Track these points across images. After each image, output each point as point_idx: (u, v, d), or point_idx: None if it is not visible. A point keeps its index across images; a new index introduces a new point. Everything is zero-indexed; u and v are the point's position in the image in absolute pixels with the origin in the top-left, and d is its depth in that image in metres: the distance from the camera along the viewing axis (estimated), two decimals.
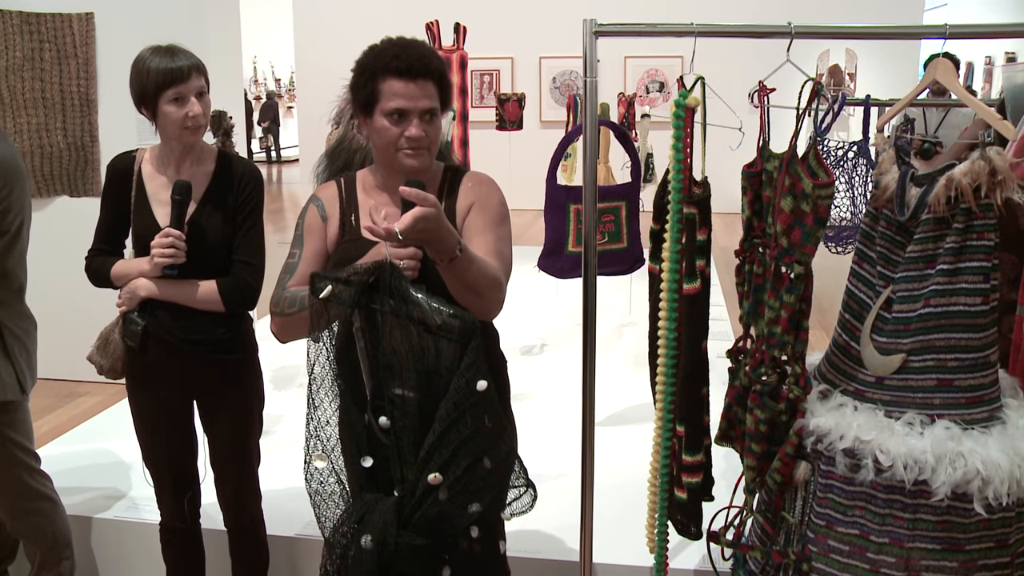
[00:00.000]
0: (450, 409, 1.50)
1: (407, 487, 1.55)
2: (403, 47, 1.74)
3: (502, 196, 1.87)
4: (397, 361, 1.53)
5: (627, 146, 3.56)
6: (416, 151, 1.74)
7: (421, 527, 1.55)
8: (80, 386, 4.48)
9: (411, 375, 1.53)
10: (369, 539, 1.53)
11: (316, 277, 1.58)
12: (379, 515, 1.56)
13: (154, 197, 2.16)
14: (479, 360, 1.50)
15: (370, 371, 1.60)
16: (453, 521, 1.57)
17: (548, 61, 10.82)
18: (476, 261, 1.60)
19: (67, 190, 4.45)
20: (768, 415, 1.82)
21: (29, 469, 2.41)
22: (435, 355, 1.52)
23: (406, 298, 1.51)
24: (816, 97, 1.81)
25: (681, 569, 2.51)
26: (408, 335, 1.51)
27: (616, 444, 3.24)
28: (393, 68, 1.70)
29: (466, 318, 1.50)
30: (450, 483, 1.52)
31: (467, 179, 1.87)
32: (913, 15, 9.95)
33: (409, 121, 1.72)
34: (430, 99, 1.73)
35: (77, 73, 4.32)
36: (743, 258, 1.97)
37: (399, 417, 1.54)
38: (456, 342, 1.50)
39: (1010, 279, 1.89)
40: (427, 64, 1.72)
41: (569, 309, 5.24)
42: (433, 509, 1.53)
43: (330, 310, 1.56)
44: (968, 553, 1.68)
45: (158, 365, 2.18)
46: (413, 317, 1.51)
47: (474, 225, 1.79)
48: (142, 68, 2.05)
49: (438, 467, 1.51)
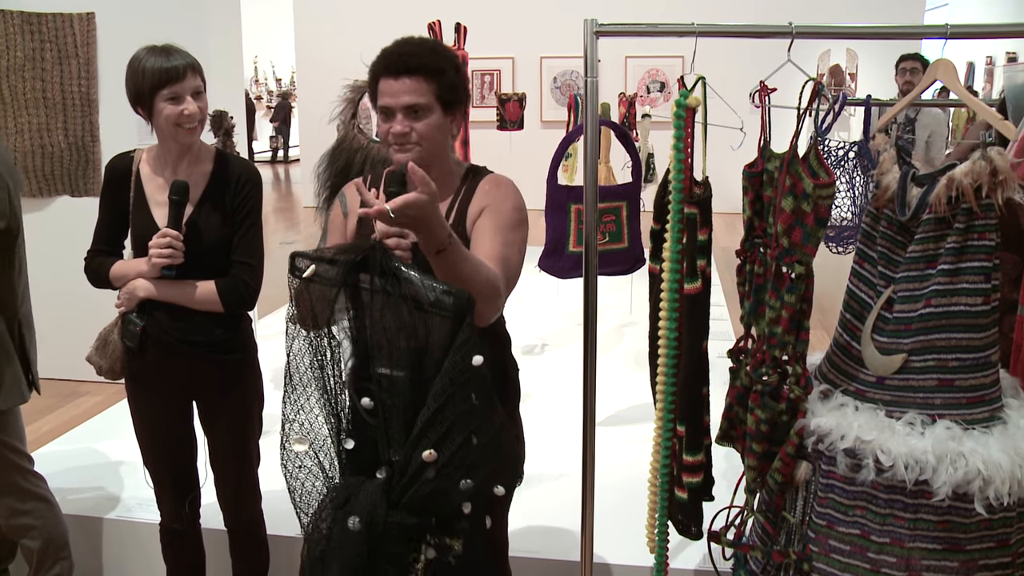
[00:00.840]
0: (446, 385, 1.48)
1: (397, 466, 1.53)
2: (397, 45, 1.77)
3: (519, 201, 1.84)
4: (387, 340, 1.51)
5: (628, 146, 3.56)
6: (402, 147, 1.75)
7: (412, 506, 1.53)
8: (81, 386, 4.48)
9: (401, 354, 1.50)
10: (357, 520, 1.50)
11: (297, 256, 1.56)
12: (366, 496, 1.53)
13: (152, 198, 2.16)
14: (473, 336, 1.49)
15: (352, 351, 1.59)
16: (447, 498, 1.55)
17: (549, 61, 10.82)
18: (469, 259, 1.59)
19: (68, 190, 4.45)
20: (769, 415, 1.82)
21: (22, 471, 2.41)
22: (426, 332, 1.49)
23: (397, 276, 1.49)
24: (817, 97, 1.81)
25: (682, 569, 2.52)
26: (399, 313, 1.49)
27: (617, 444, 3.24)
28: (381, 67, 1.75)
29: (460, 294, 1.48)
30: (445, 459, 1.50)
31: (485, 182, 1.85)
32: (914, 15, 9.95)
33: (393, 117, 1.74)
34: (412, 95, 1.73)
35: (78, 73, 4.32)
36: (744, 258, 1.97)
37: (387, 396, 1.52)
38: (449, 318, 1.47)
39: (1011, 279, 1.89)
40: (409, 61, 1.73)
41: (570, 309, 5.24)
42: (427, 486, 1.51)
43: (312, 290, 1.54)
44: (969, 553, 1.68)
45: (157, 366, 2.18)
46: (405, 295, 1.48)
47: (482, 228, 1.77)
48: (137, 68, 2.05)
49: (432, 444, 1.49)
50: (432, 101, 1.75)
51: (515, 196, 1.84)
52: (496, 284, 1.64)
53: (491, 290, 1.62)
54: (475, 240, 1.77)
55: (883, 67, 10.36)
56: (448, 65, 1.77)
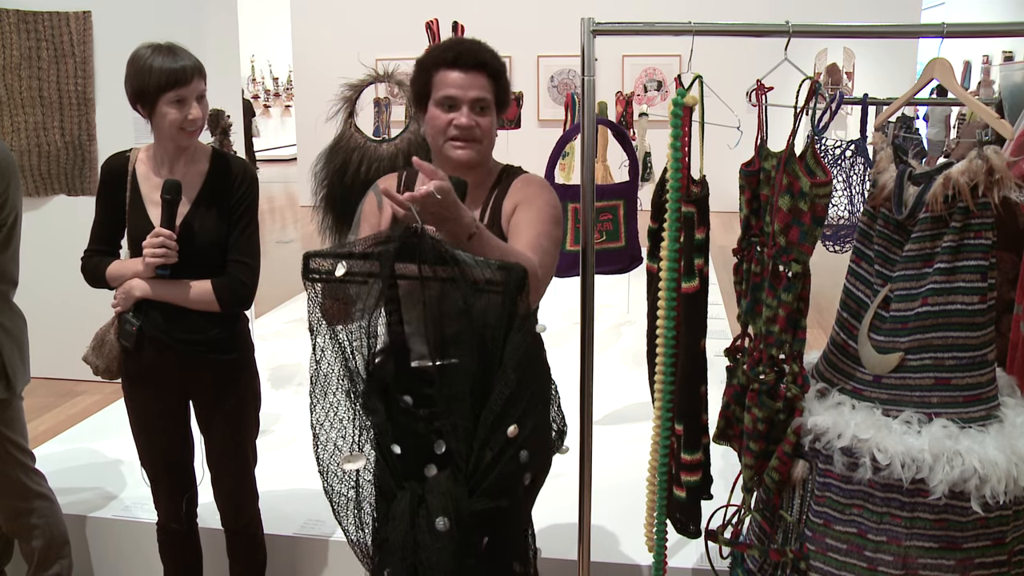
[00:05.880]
0: (520, 359, 1.45)
1: (471, 453, 1.48)
2: (457, 42, 1.81)
3: (554, 199, 1.85)
4: (443, 328, 1.48)
5: (625, 145, 3.56)
6: (465, 142, 1.76)
7: (491, 488, 1.48)
8: (78, 385, 4.47)
9: (459, 340, 1.47)
10: (444, 520, 1.47)
11: (314, 258, 1.48)
12: (442, 493, 1.49)
13: (148, 197, 2.15)
14: (529, 308, 1.46)
15: (384, 349, 1.54)
16: (519, 472, 1.53)
17: (546, 60, 10.82)
18: (499, 245, 1.57)
19: (64, 189, 4.44)
20: (766, 414, 1.82)
21: (24, 468, 2.41)
22: (483, 313, 1.46)
23: (456, 259, 1.43)
24: (814, 96, 1.81)
25: (680, 568, 2.52)
26: (458, 297, 1.45)
27: (614, 443, 3.24)
28: (444, 60, 1.77)
29: (515, 268, 1.44)
30: (527, 433, 1.47)
31: (518, 180, 1.87)
32: (911, 14, 9.96)
33: (459, 109, 1.75)
34: (480, 90, 1.76)
35: (74, 72, 4.31)
36: (741, 257, 1.97)
37: (446, 387, 1.49)
38: (501, 294, 1.43)
39: (1008, 278, 1.89)
40: (477, 56, 1.76)
41: (567, 308, 5.23)
42: (512, 464, 1.48)
43: (347, 290, 1.48)
44: (965, 551, 1.68)
45: (154, 365, 2.18)
46: (464, 277, 1.43)
47: (518, 222, 1.78)
48: (142, 66, 2.02)
49: (514, 420, 1.46)
50: (492, 100, 1.79)
51: (549, 193, 1.85)
52: (531, 267, 1.61)
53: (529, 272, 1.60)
54: (512, 234, 1.77)
55: (880, 66, 10.39)
56: (504, 69, 1.83)
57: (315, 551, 2.71)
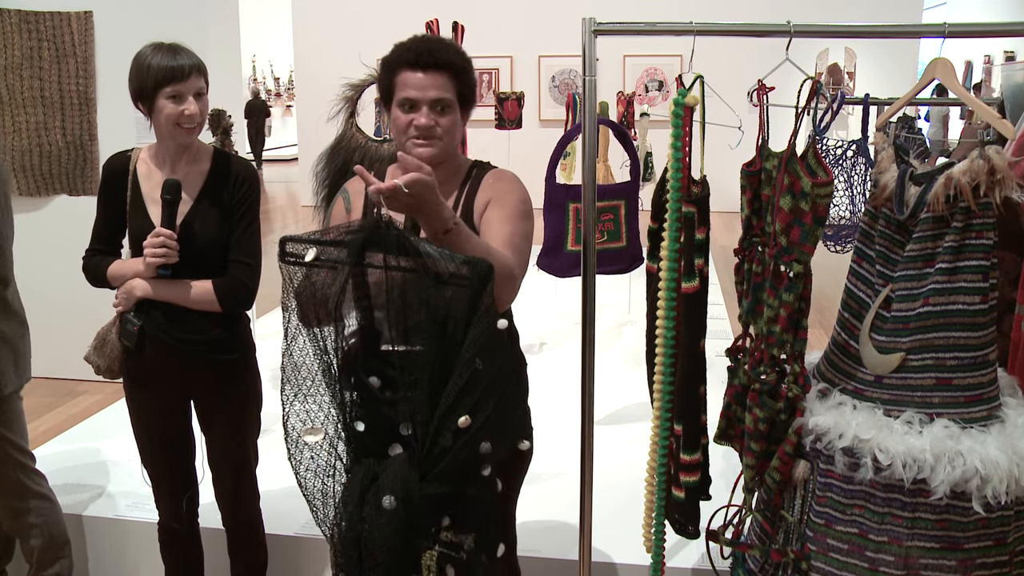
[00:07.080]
0: (476, 352, 1.48)
1: (425, 438, 1.52)
2: (419, 41, 1.79)
3: (524, 194, 1.86)
4: (405, 316, 1.51)
5: (626, 145, 3.56)
6: (425, 140, 1.76)
7: (442, 475, 1.52)
8: (79, 385, 4.48)
9: (420, 328, 1.50)
10: (391, 499, 1.50)
11: (290, 241, 1.54)
12: (394, 473, 1.52)
13: (149, 197, 2.15)
14: (493, 303, 1.49)
15: (355, 332, 1.58)
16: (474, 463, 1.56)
17: (547, 60, 10.82)
18: (478, 241, 1.59)
19: (66, 189, 4.45)
20: (767, 414, 1.82)
21: (24, 468, 2.41)
22: (446, 304, 1.49)
23: (419, 251, 1.48)
24: (815, 96, 1.81)
25: (680, 568, 2.51)
26: (419, 288, 1.49)
27: (615, 443, 3.24)
28: (405, 60, 1.76)
29: (480, 263, 1.48)
30: (479, 424, 1.50)
31: (489, 175, 1.88)
32: (912, 14, 9.96)
33: (418, 110, 1.75)
34: (439, 90, 1.75)
35: (76, 72, 4.32)
36: (742, 257, 1.97)
37: (407, 372, 1.52)
38: (467, 288, 1.48)
39: (1010, 278, 1.89)
40: (437, 56, 1.75)
41: (568, 308, 5.24)
42: (461, 453, 1.51)
43: (315, 275, 1.53)
44: (967, 552, 1.68)
45: (155, 365, 2.18)
46: (426, 269, 1.48)
47: (490, 219, 1.79)
48: (143, 64, 2.05)
49: (467, 410, 1.49)
50: (455, 98, 1.78)
51: (520, 188, 1.87)
52: (508, 264, 1.65)
53: (504, 270, 1.63)
54: (484, 231, 1.78)
55: (881, 66, 10.39)
56: (469, 66, 1.82)
57: (316, 550, 2.71)
